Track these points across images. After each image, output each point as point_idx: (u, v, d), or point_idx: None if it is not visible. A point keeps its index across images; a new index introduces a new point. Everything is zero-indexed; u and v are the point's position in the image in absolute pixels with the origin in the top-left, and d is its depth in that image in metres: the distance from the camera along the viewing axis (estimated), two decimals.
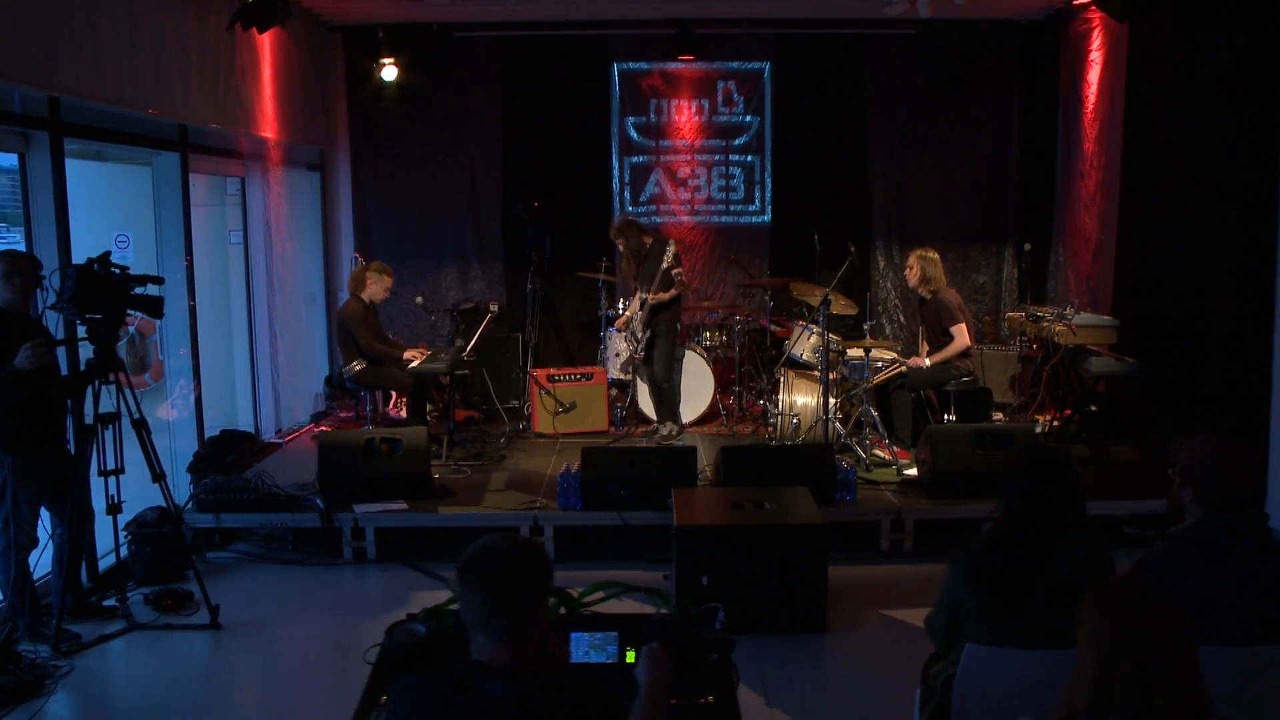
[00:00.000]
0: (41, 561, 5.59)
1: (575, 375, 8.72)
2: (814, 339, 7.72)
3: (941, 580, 3.41)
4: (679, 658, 2.93)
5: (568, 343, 10.21)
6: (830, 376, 7.88)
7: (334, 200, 10.18)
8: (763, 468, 6.55)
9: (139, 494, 5.99)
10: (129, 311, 5.60)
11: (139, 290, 5.58)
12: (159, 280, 5.72)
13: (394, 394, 8.95)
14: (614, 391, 9.07)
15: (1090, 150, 8.81)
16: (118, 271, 5.49)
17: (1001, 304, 10.20)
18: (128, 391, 5.55)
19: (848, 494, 6.71)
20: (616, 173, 10.24)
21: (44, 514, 5.51)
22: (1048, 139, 9.62)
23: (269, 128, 8.44)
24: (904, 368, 7.57)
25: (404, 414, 8.58)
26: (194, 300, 7.63)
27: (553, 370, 8.82)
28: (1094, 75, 8.73)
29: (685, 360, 8.77)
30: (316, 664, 5.41)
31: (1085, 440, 7.71)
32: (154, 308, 5.68)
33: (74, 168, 6.37)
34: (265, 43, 8.30)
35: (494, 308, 9.79)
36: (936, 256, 7.64)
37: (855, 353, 7.77)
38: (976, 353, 9.07)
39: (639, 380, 8.70)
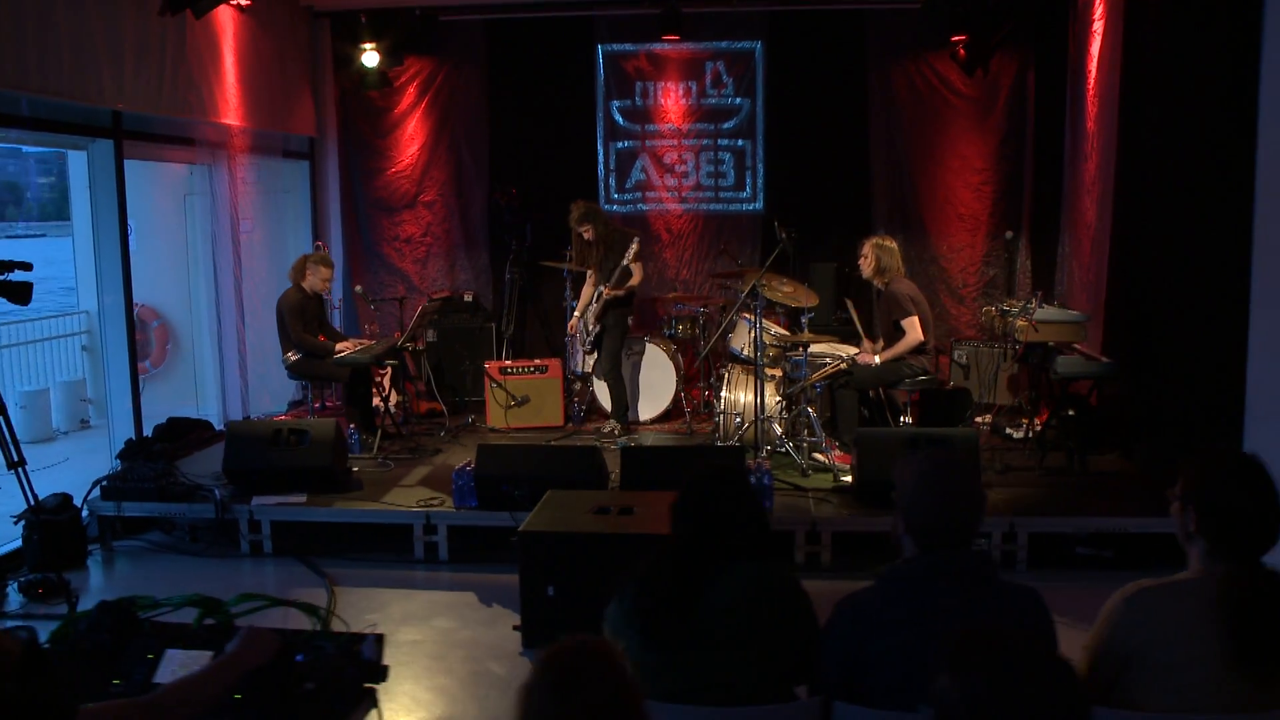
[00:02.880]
0: None
1: (529, 368, 8.45)
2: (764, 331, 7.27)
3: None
4: (276, 681, 2.68)
5: (552, 334, 9.90)
6: (774, 373, 7.45)
7: (323, 188, 10.11)
8: (665, 470, 6.12)
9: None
10: None
11: (5, 277, 5.53)
12: (26, 266, 5.64)
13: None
14: (578, 386, 8.76)
15: (1091, 130, 8.09)
16: None
17: (1015, 298, 9.49)
18: None
19: (764, 501, 6.26)
20: (601, 159, 9.90)
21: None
22: (1061, 119, 8.91)
23: (232, 115, 8.38)
24: (845, 364, 7.04)
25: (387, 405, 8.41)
26: (130, 287, 7.54)
27: (506, 362, 8.56)
28: (1096, 48, 8.00)
29: (646, 354, 8.41)
30: None
31: (1063, 448, 7.07)
32: (20, 294, 5.60)
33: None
34: (227, 28, 8.25)
35: (468, 297, 9.62)
36: (894, 245, 7.11)
37: (819, 348, 7.32)
38: (973, 351, 8.48)
39: (596, 375, 8.37)
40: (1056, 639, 2.71)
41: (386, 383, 8.57)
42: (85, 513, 6.57)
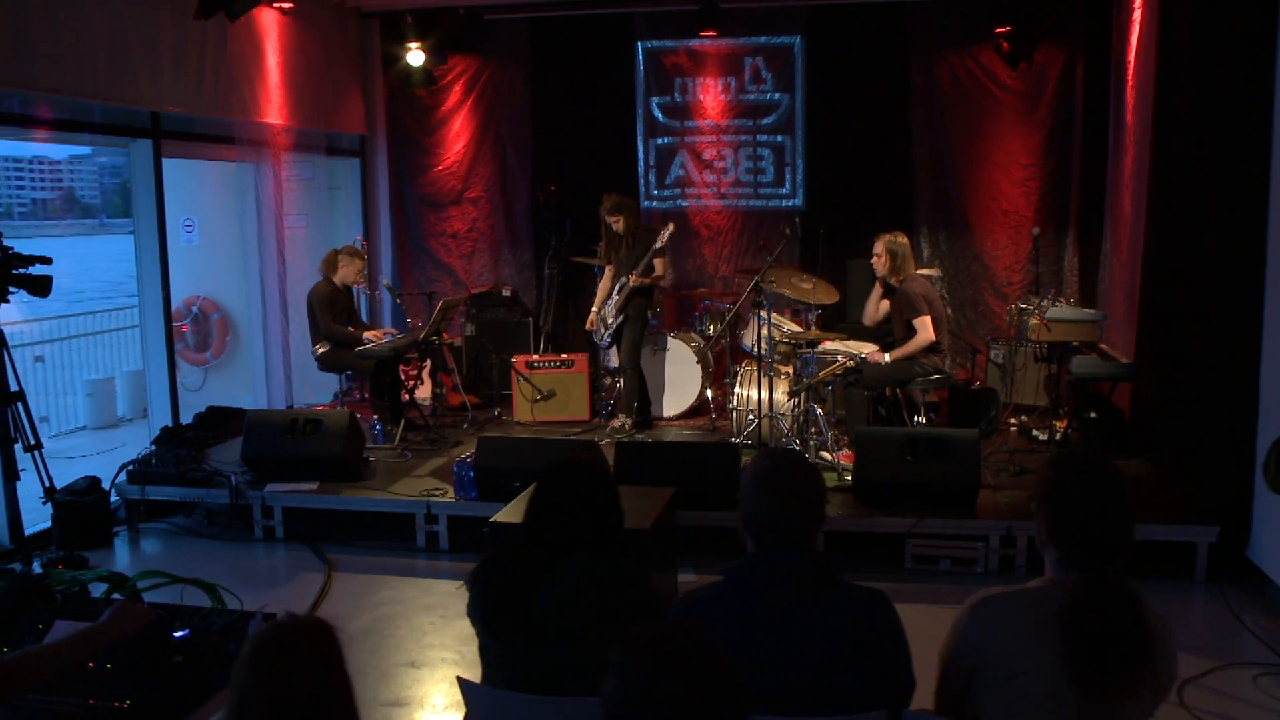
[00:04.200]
0: None
1: (555, 363, 8.53)
2: (774, 328, 7.23)
3: None
4: (145, 653, 2.81)
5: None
6: (786, 370, 7.41)
7: (374, 185, 10.36)
8: (660, 466, 6.16)
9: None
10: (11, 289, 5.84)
11: (24, 270, 5.83)
12: (46, 260, 5.94)
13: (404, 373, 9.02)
14: (607, 381, 8.82)
15: (1130, 123, 7.82)
16: (1, 254, 5.75)
17: (1063, 296, 9.22)
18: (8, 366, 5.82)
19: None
20: (641, 155, 9.93)
21: None
22: (1109, 112, 8.63)
23: (275, 114, 8.66)
24: (851, 363, 6.95)
25: (413, 396, 8.59)
26: (168, 283, 7.84)
27: (533, 357, 8.65)
28: (1135, 37, 7.74)
29: (672, 349, 8.42)
30: None
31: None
32: (39, 287, 5.90)
33: None
34: (270, 30, 8.52)
35: (507, 292, 9.76)
36: (906, 241, 6.98)
37: (831, 345, 7.26)
38: (1008, 350, 8.28)
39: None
40: (903, 642, 2.68)
41: (423, 375, 8.76)
42: (115, 496, 6.89)
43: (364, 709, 4.55)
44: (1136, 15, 7.68)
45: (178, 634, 3.01)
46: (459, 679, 2.77)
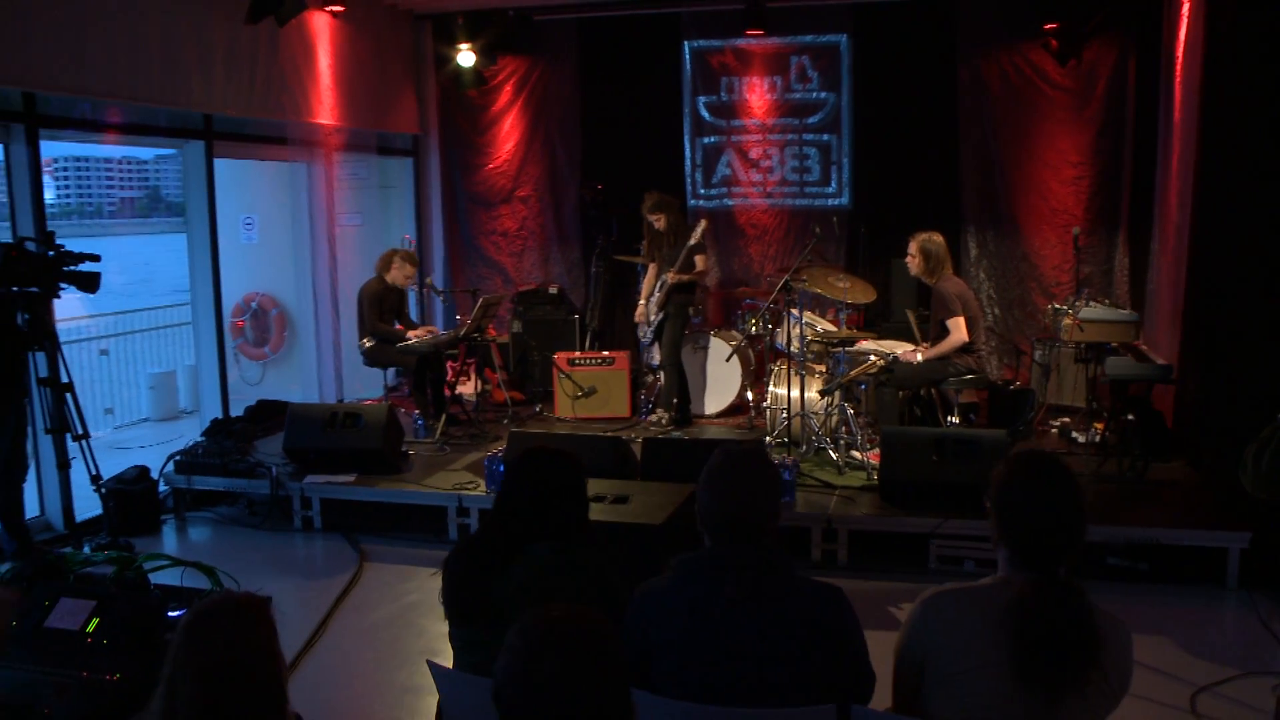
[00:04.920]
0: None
1: (596, 360, 8.62)
2: (807, 327, 7.25)
3: None
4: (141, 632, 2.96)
5: (636, 328, 10.03)
6: (818, 369, 7.42)
7: (426, 184, 10.56)
8: (684, 462, 6.20)
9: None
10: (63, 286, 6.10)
11: (74, 267, 6.08)
12: (95, 258, 6.19)
13: (450, 369, 9.19)
14: (649, 379, 8.88)
15: (1178, 120, 7.67)
16: (54, 251, 6.02)
17: (1112, 298, 9.07)
18: (60, 358, 6.08)
19: (784, 496, 6.25)
20: (688, 154, 9.98)
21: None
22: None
23: (327, 115, 8.87)
24: (882, 362, 6.93)
25: (455, 391, 8.74)
26: (219, 280, 8.08)
27: (574, 354, 8.75)
28: (1183, 32, 7.58)
29: (711, 348, 8.46)
30: None
31: (1126, 454, 6.75)
32: (88, 283, 6.14)
33: None
34: (322, 33, 8.74)
35: (554, 290, 9.88)
36: (941, 240, 6.92)
37: (865, 344, 7.25)
38: (1054, 352, 8.18)
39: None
40: (858, 637, 2.71)
41: (469, 371, 8.91)
42: (163, 485, 7.14)
43: (380, 694, 4.70)
44: (1185, 9, 7.52)
45: (173, 613, 3.16)
46: (429, 662, 2.86)
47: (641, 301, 8.31)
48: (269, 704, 1.96)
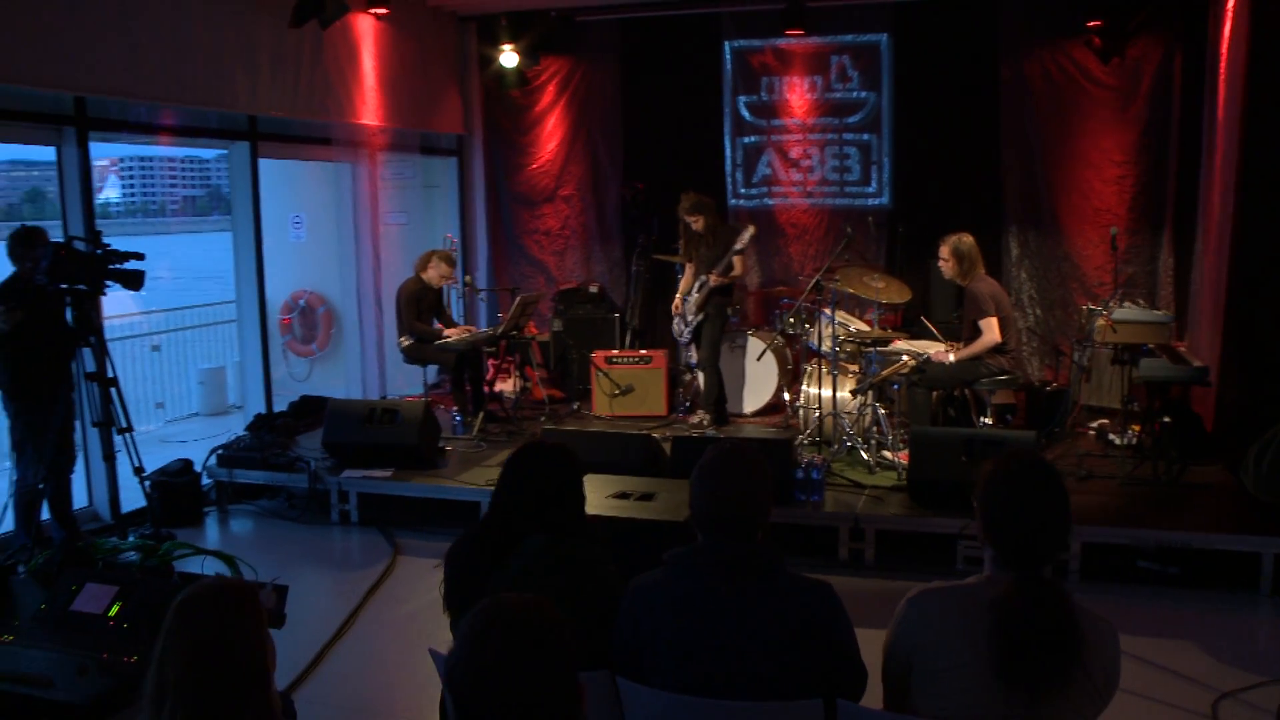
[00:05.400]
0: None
1: (633, 358, 8.69)
2: (840, 326, 7.26)
3: None
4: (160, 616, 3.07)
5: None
6: (851, 368, 7.43)
7: (470, 183, 10.70)
8: None
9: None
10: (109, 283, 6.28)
11: (119, 266, 6.26)
12: (139, 256, 6.36)
13: (491, 367, 9.31)
14: (687, 377, 8.93)
15: (1221, 117, 7.56)
16: (101, 250, 6.21)
17: (1156, 299, 8.95)
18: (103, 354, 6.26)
19: (813, 495, 6.27)
20: (729, 154, 10.00)
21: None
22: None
23: (371, 115, 9.03)
24: (913, 362, 6.91)
25: (494, 389, 8.86)
26: (262, 279, 8.26)
27: (612, 352, 8.83)
28: (1227, 29, 7.47)
29: (748, 347, 8.49)
30: None
31: (1163, 457, 6.68)
32: (132, 281, 6.32)
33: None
34: (366, 35, 8.89)
35: (594, 289, 9.96)
36: (972, 241, 6.88)
37: (900, 344, 7.25)
38: (1094, 353, 8.10)
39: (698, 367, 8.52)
40: (848, 634, 2.74)
41: (509, 369, 9.02)
42: (206, 478, 7.34)
43: (405, 683, 4.79)
44: (1230, 4, 7.41)
45: None
46: (431, 651, 2.95)
47: (679, 295, 8.35)
48: (252, 685, 2.05)
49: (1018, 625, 2.44)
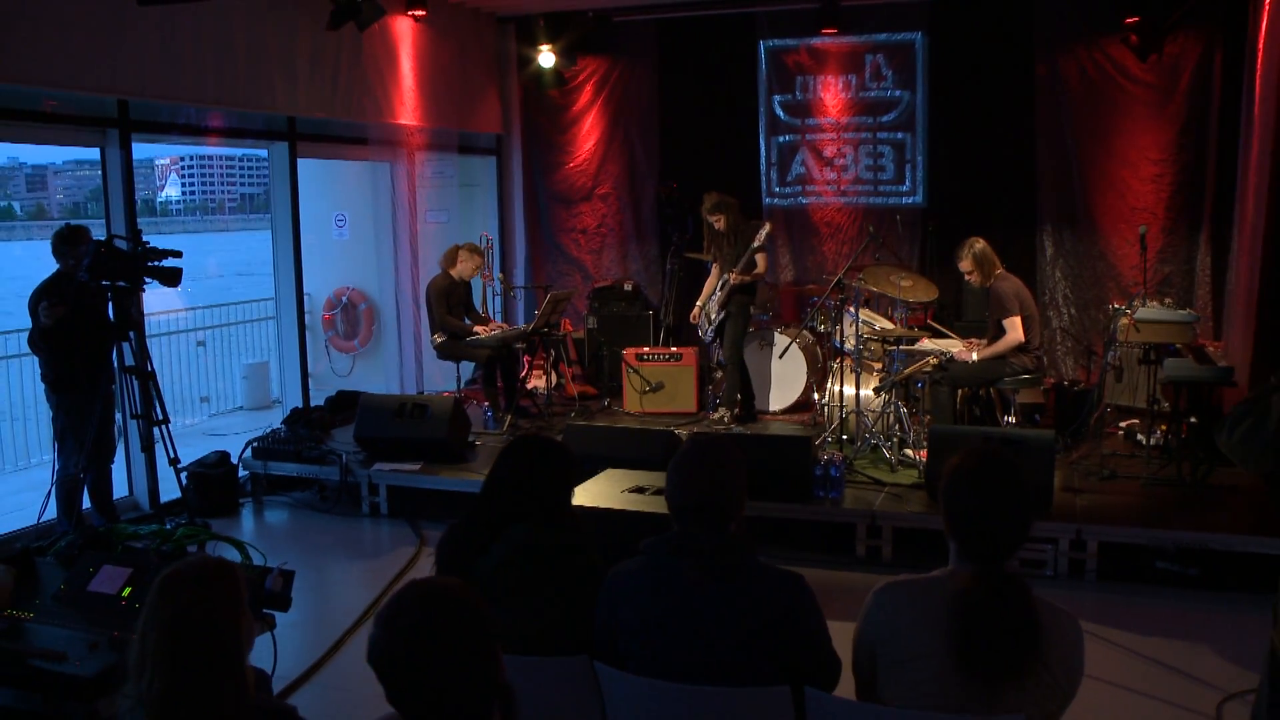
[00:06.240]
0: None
1: (664, 355, 8.78)
2: (862, 324, 7.28)
3: None
4: None
5: None
6: (875, 366, 7.45)
7: (509, 183, 10.85)
8: None
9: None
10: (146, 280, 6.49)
11: (157, 263, 6.47)
12: (177, 254, 6.56)
13: (526, 363, 9.44)
14: (718, 374, 8.99)
15: (1257, 114, 7.47)
16: (140, 248, 6.42)
17: (1193, 298, 8.85)
18: (138, 347, 6.47)
19: (832, 491, 6.32)
20: (764, 153, 10.05)
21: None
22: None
23: (409, 115, 9.20)
24: (935, 360, 6.92)
25: (527, 385, 8.99)
26: (300, 276, 8.45)
27: (643, 349, 8.91)
28: (1264, 25, 7.38)
29: (776, 345, 8.53)
30: None
31: (1189, 457, 6.63)
32: (170, 278, 6.51)
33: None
34: (405, 37, 9.06)
35: (628, 286, 10.06)
36: (984, 243, 6.91)
37: (925, 344, 7.27)
38: (1127, 352, 8.03)
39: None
40: (818, 624, 2.80)
41: (546, 365, 9.14)
42: (243, 470, 7.55)
43: None
44: (1267, 3, 7.32)
45: None
46: None
47: (699, 303, 8.39)
48: (227, 658, 2.16)
49: (977, 616, 2.49)
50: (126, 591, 3.39)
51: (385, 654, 1.87)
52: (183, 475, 6.99)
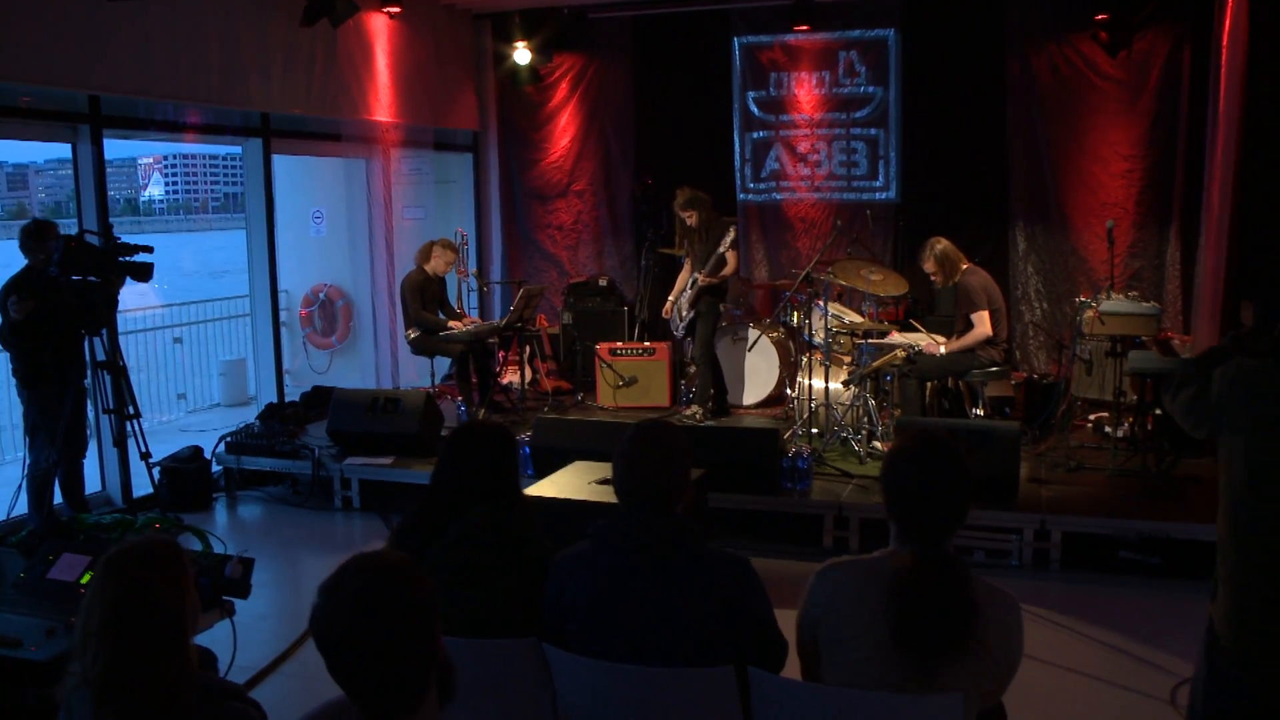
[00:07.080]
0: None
1: (638, 350, 8.82)
2: (831, 318, 7.34)
3: None
4: None
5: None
6: (845, 360, 7.51)
7: (485, 179, 10.87)
8: (705, 450, 6.34)
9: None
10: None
11: (129, 258, 6.48)
12: (148, 249, 6.57)
13: (501, 358, 9.47)
14: (691, 370, 9.03)
15: (1222, 109, 7.55)
16: (111, 243, 6.42)
17: (1163, 292, 8.92)
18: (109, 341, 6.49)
19: (800, 483, 6.37)
20: (738, 148, 10.09)
21: None
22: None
23: (384, 112, 9.22)
24: (903, 354, 6.98)
25: (501, 380, 9.02)
26: (274, 274, 8.46)
27: (617, 344, 8.95)
28: (1229, 20, 7.46)
29: (750, 339, 8.57)
30: None
31: (1151, 449, 6.70)
32: (141, 273, 6.53)
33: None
34: (380, 33, 9.07)
35: (603, 282, 10.10)
36: (946, 241, 6.98)
37: (894, 337, 7.32)
38: (1097, 346, 8.10)
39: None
40: (763, 606, 2.84)
41: (521, 360, 9.17)
42: (216, 465, 7.56)
43: None
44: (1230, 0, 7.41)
45: None
46: None
47: (671, 298, 8.43)
48: (169, 636, 2.19)
49: (914, 595, 2.54)
50: (86, 578, 3.42)
51: (325, 623, 1.90)
52: (155, 470, 7.02)
